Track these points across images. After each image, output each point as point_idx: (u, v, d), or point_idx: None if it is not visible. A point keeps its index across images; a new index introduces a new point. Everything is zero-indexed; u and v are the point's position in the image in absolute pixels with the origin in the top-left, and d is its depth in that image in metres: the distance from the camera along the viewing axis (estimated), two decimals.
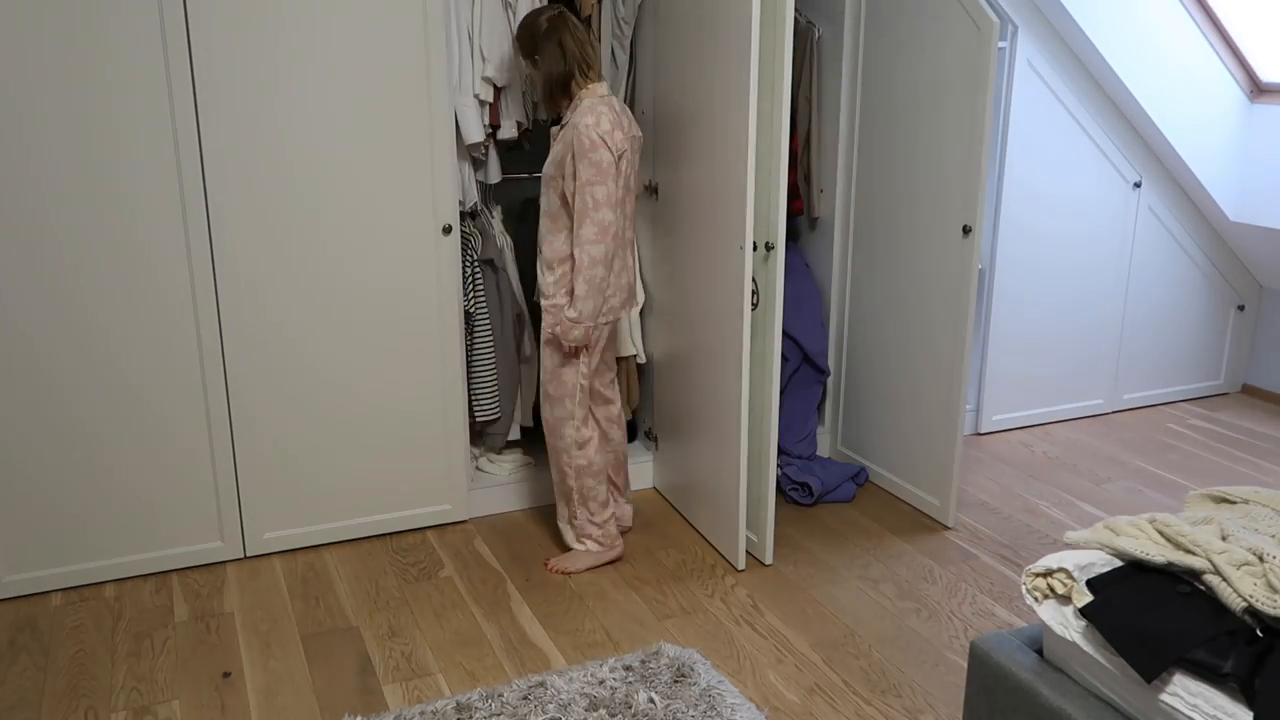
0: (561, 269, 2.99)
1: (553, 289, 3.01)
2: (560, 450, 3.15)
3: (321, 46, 2.98)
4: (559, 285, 3.00)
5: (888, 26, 3.51)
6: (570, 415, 3.10)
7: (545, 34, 2.92)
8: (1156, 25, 4.06)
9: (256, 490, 3.22)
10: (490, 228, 3.46)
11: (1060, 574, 1.87)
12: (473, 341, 3.45)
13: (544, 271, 3.04)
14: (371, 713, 2.51)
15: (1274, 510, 2.01)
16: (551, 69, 2.93)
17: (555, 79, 2.93)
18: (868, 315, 3.80)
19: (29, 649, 2.78)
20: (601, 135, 2.83)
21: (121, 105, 2.83)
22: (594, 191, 2.84)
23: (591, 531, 3.21)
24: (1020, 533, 3.49)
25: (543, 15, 2.95)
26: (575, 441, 3.12)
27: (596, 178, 2.83)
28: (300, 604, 3.01)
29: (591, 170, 2.83)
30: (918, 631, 2.89)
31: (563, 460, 3.15)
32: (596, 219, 2.86)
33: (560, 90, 2.95)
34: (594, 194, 2.84)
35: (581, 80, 2.94)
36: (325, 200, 3.09)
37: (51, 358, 2.92)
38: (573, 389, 3.08)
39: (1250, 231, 4.50)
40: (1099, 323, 4.50)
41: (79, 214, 2.86)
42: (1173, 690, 1.65)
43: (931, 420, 3.53)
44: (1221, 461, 4.13)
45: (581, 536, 3.22)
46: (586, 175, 2.83)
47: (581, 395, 3.09)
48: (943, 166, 3.35)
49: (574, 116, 2.89)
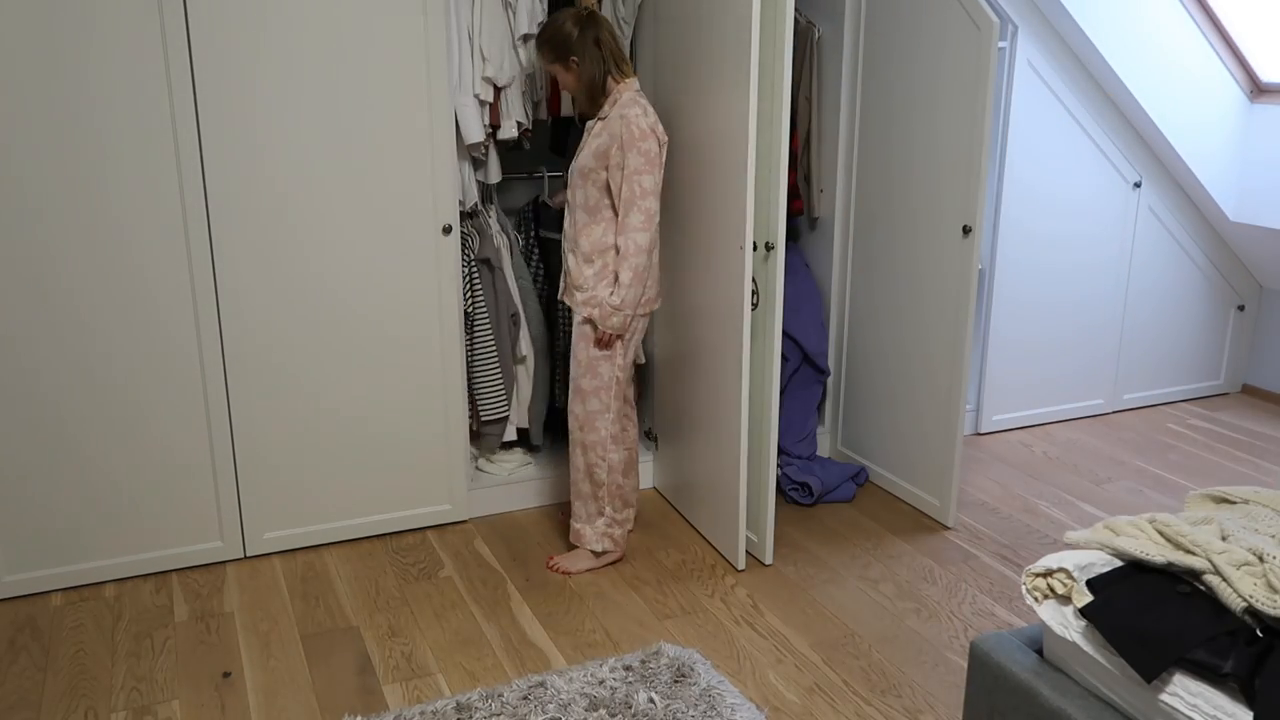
0: (601, 260, 3.01)
1: (593, 281, 3.01)
2: (592, 445, 3.12)
3: (321, 47, 2.98)
4: (599, 277, 3.01)
5: (888, 26, 3.51)
6: (605, 409, 3.09)
7: (580, 36, 2.93)
8: (1156, 25, 4.06)
9: (256, 490, 3.22)
10: (488, 227, 3.46)
11: (1060, 574, 1.87)
12: (473, 342, 3.45)
13: (581, 265, 3.04)
14: (371, 713, 2.51)
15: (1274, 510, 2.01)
16: (592, 70, 2.95)
17: (597, 79, 2.96)
18: (868, 315, 3.80)
19: (29, 649, 2.78)
20: (650, 126, 2.91)
21: (121, 107, 2.82)
22: (642, 180, 2.89)
23: (614, 532, 3.20)
24: (1020, 533, 3.49)
25: (568, 19, 2.96)
26: (611, 436, 3.11)
27: (645, 167, 2.88)
28: (300, 604, 3.01)
29: (640, 159, 2.88)
30: (918, 631, 2.89)
31: (593, 456, 3.13)
32: (644, 207, 2.91)
33: (601, 90, 2.98)
34: (641, 183, 2.89)
35: (618, 76, 2.98)
36: (325, 200, 3.09)
37: (51, 359, 2.92)
38: (609, 382, 3.07)
39: (1250, 231, 4.50)
40: (1099, 323, 4.50)
41: (78, 216, 2.86)
42: (1173, 690, 1.65)
43: (931, 420, 3.53)
44: (1221, 461, 4.13)
45: (602, 536, 3.19)
46: (635, 164, 2.88)
47: (618, 389, 3.08)
48: (943, 167, 3.35)
49: (617, 109, 2.93)
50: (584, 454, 3.14)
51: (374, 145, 3.10)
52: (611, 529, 3.19)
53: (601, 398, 3.08)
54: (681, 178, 3.28)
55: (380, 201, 3.15)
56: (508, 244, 3.51)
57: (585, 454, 3.14)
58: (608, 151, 2.93)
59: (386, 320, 3.24)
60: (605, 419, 3.09)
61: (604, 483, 3.14)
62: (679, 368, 3.48)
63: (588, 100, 3.01)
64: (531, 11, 3.27)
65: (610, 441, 3.11)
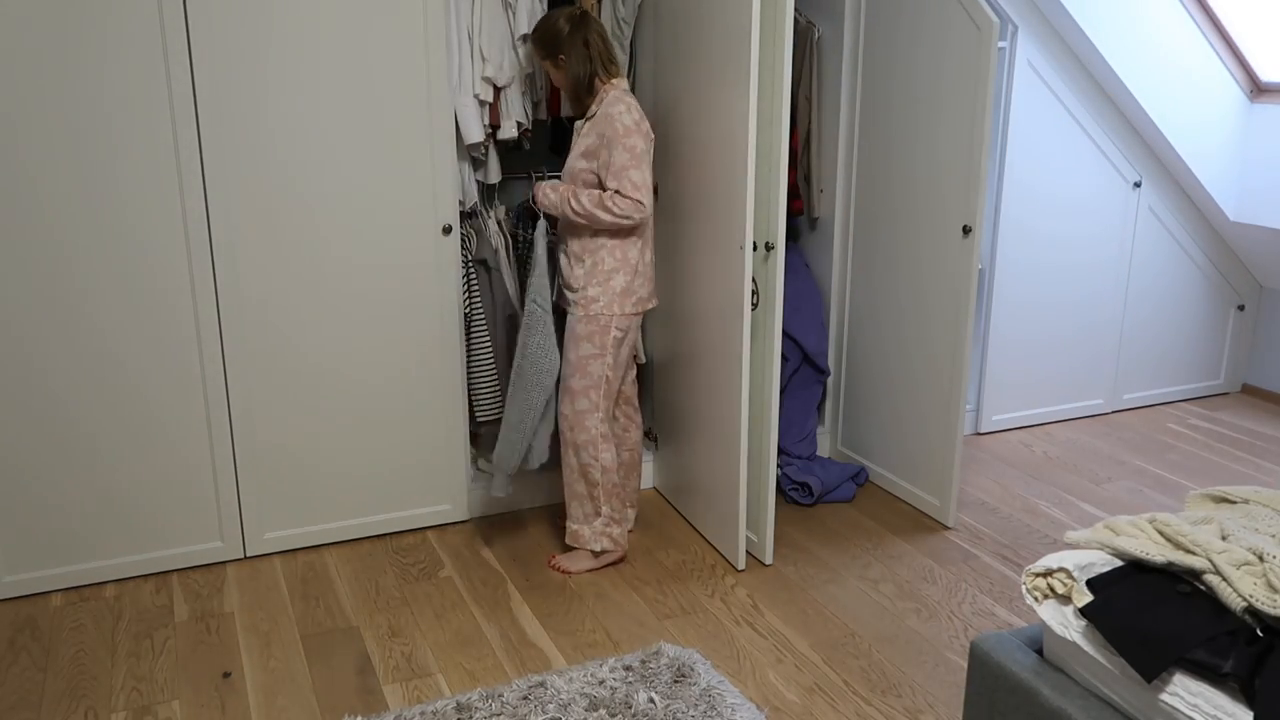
0: (591, 259, 3.02)
1: (583, 280, 3.03)
2: (584, 445, 3.12)
3: (322, 47, 2.98)
4: (590, 276, 3.02)
5: (888, 26, 3.51)
6: (594, 408, 3.09)
7: (570, 35, 2.97)
8: (1156, 25, 4.06)
9: (256, 490, 3.22)
10: (486, 228, 3.46)
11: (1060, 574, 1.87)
12: (470, 342, 3.45)
13: (572, 264, 3.06)
14: (371, 713, 2.51)
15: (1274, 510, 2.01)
16: (579, 69, 2.98)
17: (582, 78, 2.99)
18: (868, 315, 3.80)
19: (29, 649, 2.78)
20: (634, 122, 2.92)
21: (121, 106, 2.82)
22: (630, 175, 2.90)
23: (612, 531, 3.20)
24: (1020, 533, 3.49)
25: (561, 16, 2.99)
26: (601, 435, 3.11)
27: (630, 163, 2.90)
28: (300, 604, 3.01)
29: (626, 156, 2.90)
30: (918, 631, 2.89)
31: (586, 456, 3.13)
32: (621, 204, 2.93)
33: (586, 89, 3.01)
34: (630, 178, 2.90)
35: (604, 77, 3.00)
36: (325, 200, 3.09)
37: (51, 358, 2.92)
38: (598, 380, 3.07)
39: (1250, 231, 4.50)
40: (1099, 323, 4.50)
41: (77, 216, 2.86)
42: (1173, 690, 1.65)
43: (931, 420, 3.53)
44: (1221, 461, 4.13)
45: (599, 535, 3.19)
46: (621, 161, 2.89)
47: (607, 388, 3.09)
48: (943, 166, 3.35)
49: (603, 108, 2.95)
50: (575, 454, 3.15)
51: (374, 145, 3.10)
52: (610, 528, 3.19)
53: (590, 397, 3.08)
54: (682, 177, 3.28)
55: (380, 201, 3.15)
56: (505, 244, 3.51)
57: (577, 454, 3.14)
58: (596, 151, 2.95)
59: (386, 320, 3.24)
60: (594, 418, 3.10)
61: (599, 482, 3.14)
62: (679, 368, 3.48)
63: (573, 99, 3.05)
64: (531, 11, 3.27)
65: (601, 440, 3.11)
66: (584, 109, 3.05)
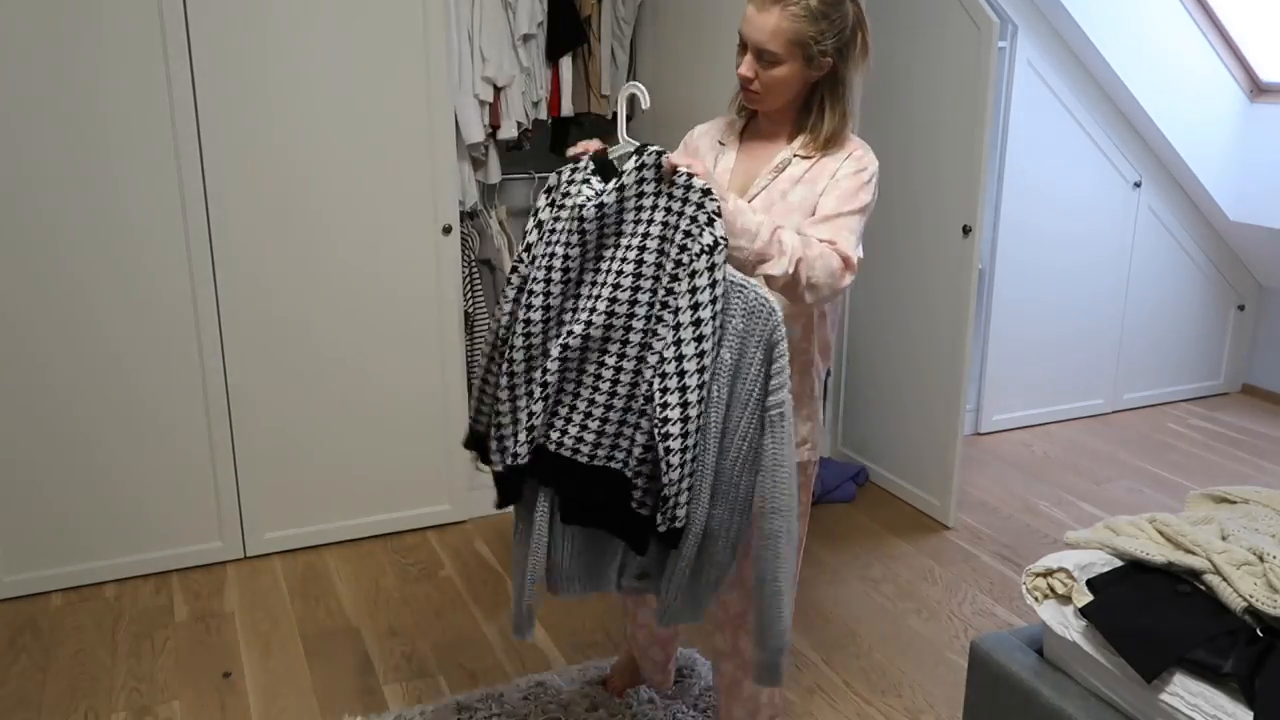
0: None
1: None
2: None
3: (321, 46, 2.98)
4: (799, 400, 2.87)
5: (887, 26, 3.50)
6: None
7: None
8: (1156, 25, 4.06)
9: (256, 490, 3.22)
10: (488, 228, 3.46)
11: (1060, 574, 1.87)
12: (472, 342, 3.45)
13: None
14: (371, 713, 2.51)
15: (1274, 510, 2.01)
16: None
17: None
18: (868, 315, 3.80)
19: (29, 649, 2.78)
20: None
21: (120, 105, 2.82)
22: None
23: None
24: (1020, 533, 3.49)
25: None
26: None
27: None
28: (300, 604, 3.01)
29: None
30: (918, 631, 2.88)
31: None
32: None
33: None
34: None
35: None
36: (325, 200, 3.09)
37: (50, 358, 2.92)
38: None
39: (1250, 231, 4.49)
40: (1099, 322, 4.50)
41: (77, 215, 2.85)
42: (1173, 690, 1.65)
43: (932, 420, 3.53)
44: (1221, 461, 4.12)
45: None
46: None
47: None
48: (943, 166, 3.35)
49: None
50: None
51: (374, 145, 3.10)
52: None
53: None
54: None
55: (380, 201, 3.15)
56: (508, 244, 3.51)
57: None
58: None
59: (387, 320, 3.24)
60: None
61: None
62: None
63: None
64: (531, 12, 3.27)
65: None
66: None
